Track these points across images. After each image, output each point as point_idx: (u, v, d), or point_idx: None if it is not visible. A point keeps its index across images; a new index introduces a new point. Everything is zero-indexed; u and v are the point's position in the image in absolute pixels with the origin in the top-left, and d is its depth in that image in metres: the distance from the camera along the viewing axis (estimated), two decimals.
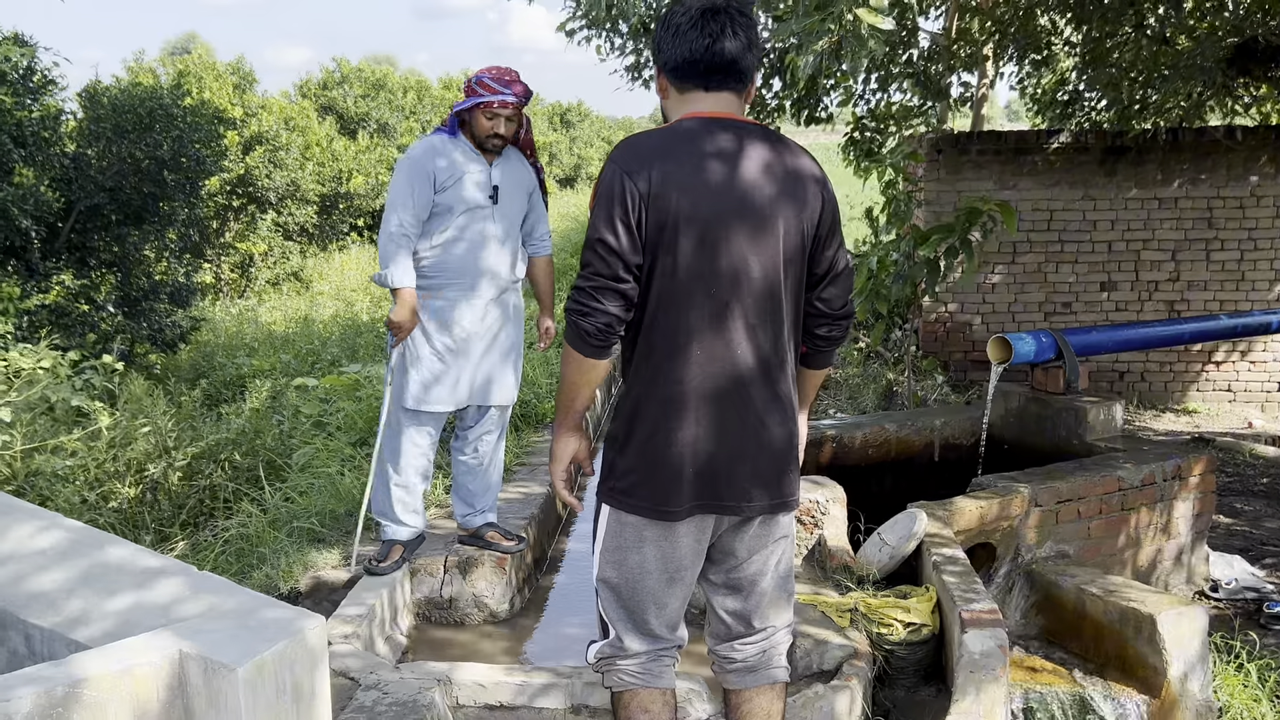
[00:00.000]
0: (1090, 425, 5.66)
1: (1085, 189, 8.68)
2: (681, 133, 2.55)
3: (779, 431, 2.61)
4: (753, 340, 2.56)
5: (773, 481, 2.62)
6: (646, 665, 2.75)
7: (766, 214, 2.53)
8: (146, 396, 7.29)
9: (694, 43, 2.54)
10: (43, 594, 2.91)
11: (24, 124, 9.14)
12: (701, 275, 2.49)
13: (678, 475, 2.55)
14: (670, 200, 2.46)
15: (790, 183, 2.57)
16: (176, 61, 18.16)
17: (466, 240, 4.30)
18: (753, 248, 2.52)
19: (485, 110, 4.19)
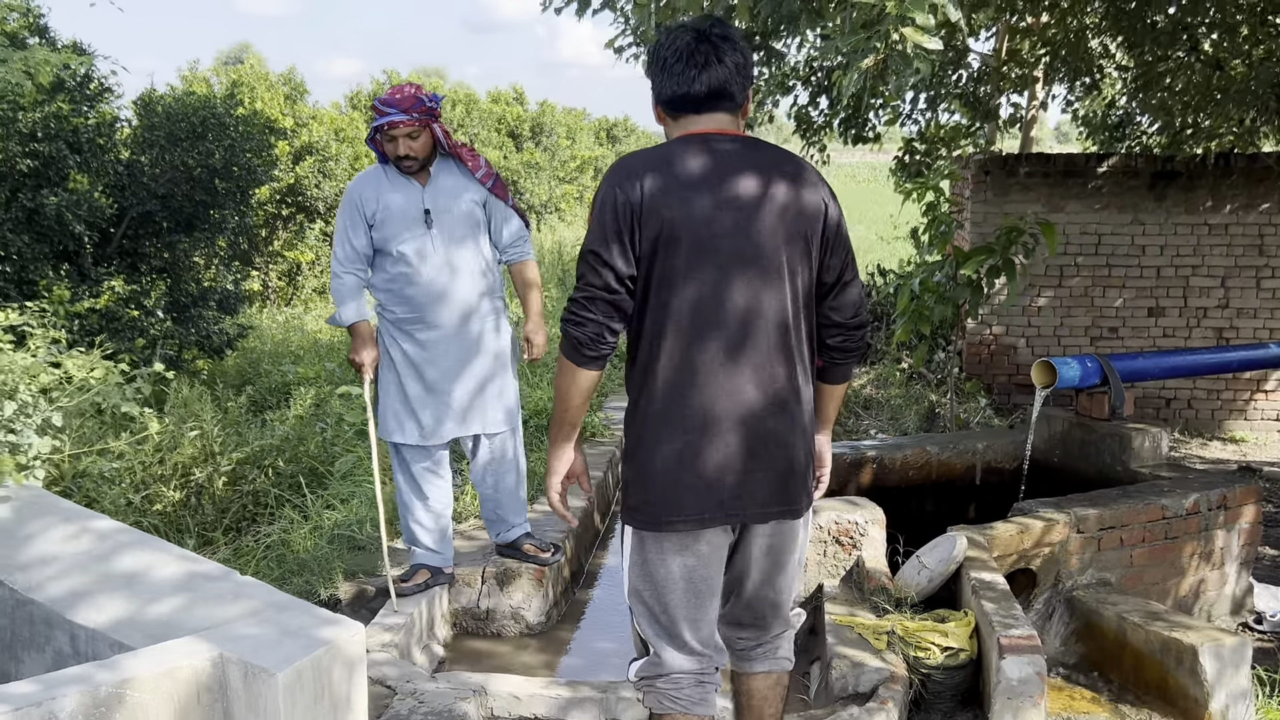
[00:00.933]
0: (1135, 452, 5.60)
1: (1134, 213, 8.60)
2: (674, 148, 2.59)
3: (784, 440, 2.63)
4: (756, 349, 2.57)
5: (779, 491, 2.64)
6: (687, 690, 2.74)
7: (763, 224, 2.56)
8: (195, 401, 7.39)
9: (681, 76, 2.59)
10: (89, 595, 2.96)
11: (80, 131, 9.29)
12: (700, 285, 2.52)
13: (688, 490, 2.57)
14: (663, 211, 2.49)
15: (789, 192, 2.59)
16: (230, 71, 18.41)
17: (410, 269, 4.17)
18: (751, 256, 2.55)
19: (384, 135, 4.12)
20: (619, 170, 2.58)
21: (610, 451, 6.80)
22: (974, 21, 8.30)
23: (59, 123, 9.05)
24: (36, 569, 3.11)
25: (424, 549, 4.48)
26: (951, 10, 3.53)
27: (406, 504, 4.46)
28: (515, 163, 22.87)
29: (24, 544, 3.25)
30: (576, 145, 29.77)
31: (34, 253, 8.70)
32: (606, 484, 6.40)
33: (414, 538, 4.49)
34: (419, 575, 4.44)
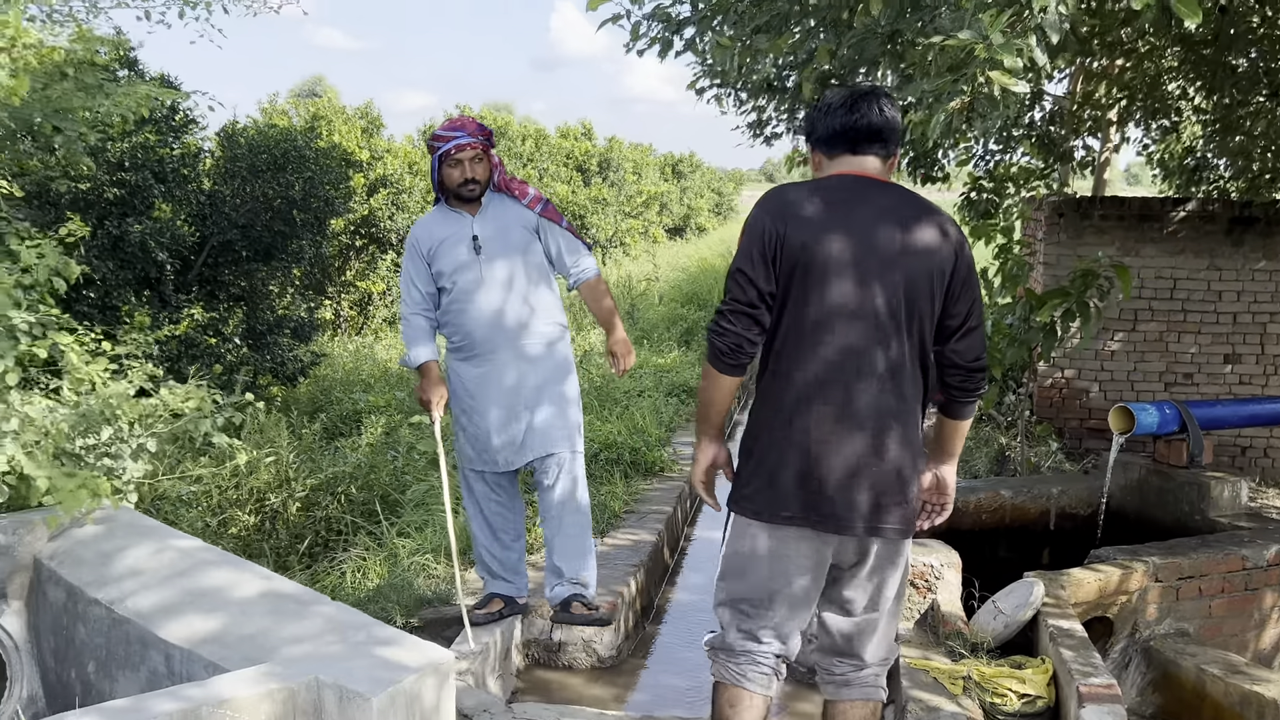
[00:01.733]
0: (1214, 501, 5.53)
1: (1211, 258, 8.49)
2: (822, 185, 2.88)
3: (885, 462, 2.81)
4: (869, 375, 2.80)
5: (872, 510, 2.83)
6: (741, 666, 2.97)
7: (892, 263, 2.79)
8: (271, 428, 7.52)
9: (843, 117, 2.88)
10: (183, 615, 3.03)
11: (165, 161, 9.54)
12: (826, 310, 2.79)
13: (788, 488, 2.83)
14: (802, 242, 2.77)
15: (921, 237, 2.81)
16: (308, 104, 18.78)
17: (464, 301, 4.22)
18: (875, 291, 2.78)
19: (447, 161, 4.16)
20: (770, 199, 2.88)
21: (679, 487, 6.83)
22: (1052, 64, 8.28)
23: (146, 153, 9.31)
24: (132, 589, 3.19)
25: (496, 578, 4.52)
26: (1039, 54, 3.54)
27: (477, 533, 4.50)
28: (582, 197, 23.05)
29: (119, 565, 3.34)
30: (643, 180, 29.94)
31: (118, 279, 8.93)
32: (675, 520, 6.42)
33: (486, 567, 4.53)
34: (493, 604, 4.47)
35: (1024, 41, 3.43)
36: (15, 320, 3.59)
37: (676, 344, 12.45)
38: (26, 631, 3.54)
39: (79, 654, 3.29)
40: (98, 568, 3.34)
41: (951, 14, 3.90)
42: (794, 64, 5.99)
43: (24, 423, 3.49)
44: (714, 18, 5.12)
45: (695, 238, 34.16)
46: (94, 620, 3.21)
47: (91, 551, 3.43)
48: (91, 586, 3.25)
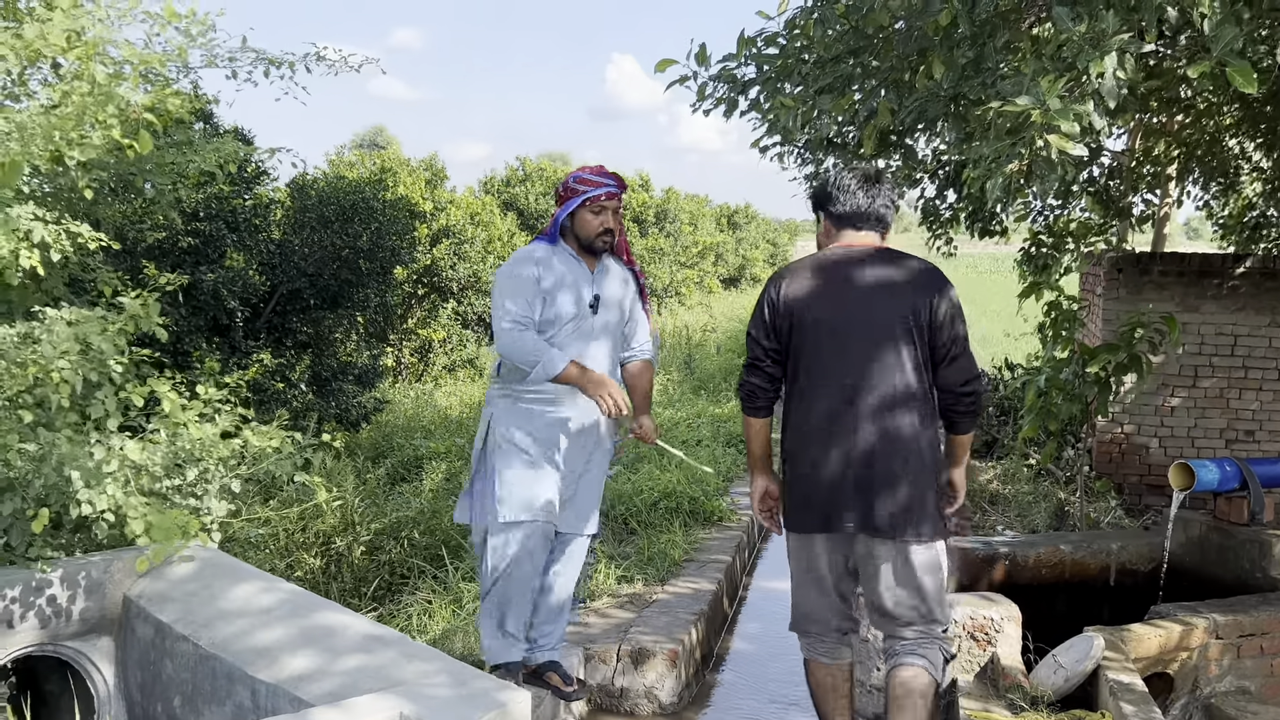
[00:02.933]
0: (1275, 559, 5.51)
1: (1272, 315, 8.47)
2: (820, 258, 3.64)
3: (875, 471, 3.44)
4: (862, 406, 3.45)
5: (867, 511, 3.45)
6: (814, 645, 3.75)
7: (874, 318, 3.47)
8: (337, 473, 7.70)
9: (858, 200, 3.62)
10: (267, 651, 3.16)
11: (238, 212, 9.84)
12: (822, 357, 3.51)
13: (809, 503, 3.56)
14: (797, 306, 3.54)
15: (902, 292, 3.48)
16: (374, 156, 19.21)
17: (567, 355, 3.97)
18: (863, 338, 3.47)
19: (591, 206, 4.02)
20: (775, 275, 3.67)
21: (739, 536, 6.90)
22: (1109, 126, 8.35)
23: (220, 203, 9.61)
24: (218, 626, 3.33)
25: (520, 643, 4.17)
26: (1096, 119, 3.64)
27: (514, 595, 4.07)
28: (640, 248, 23.31)
29: (207, 602, 3.48)
30: (698, 231, 30.17)
31: (190, 325, 9.19)
32: (734, 569, 6.49)
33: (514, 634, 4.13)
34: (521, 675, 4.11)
35: (1082, 107, 3.53)
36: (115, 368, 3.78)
37: (734, 394, 12.54)
38: (115, 666, 3.68)
39: (165, 689, 3.43)
40: (185, 605, 3.48)
41: (1012, 79, 4.00)
42: (855, 122, 6.12)
43: (123, 464, 3.66)
44: (778, 79, 5.26)
45: (750, 288, 34.30)
46: (181, 656, 3.34)
47: (179, 590, 3.58)
48: (179, 623, 3.39)
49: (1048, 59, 3.71)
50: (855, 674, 3.83)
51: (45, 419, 3.87)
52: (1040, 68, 3.68)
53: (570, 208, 4.05)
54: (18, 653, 3.63)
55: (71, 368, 3.75)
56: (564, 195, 4.09)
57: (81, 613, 3.67)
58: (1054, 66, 3.68)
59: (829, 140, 7.02)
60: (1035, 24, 4.92)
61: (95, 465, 3.63)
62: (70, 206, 5.06)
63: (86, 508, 3.63)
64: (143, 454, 3.76)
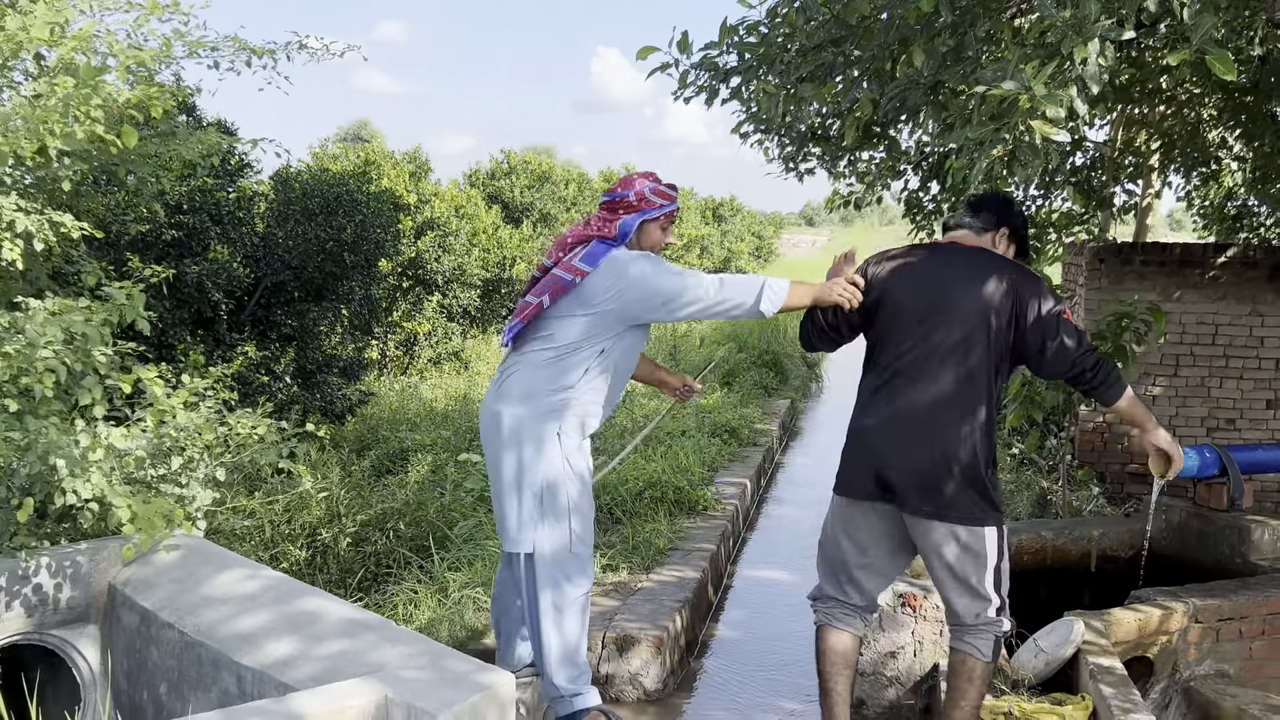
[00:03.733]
0: (1254, 544, 5.56)
1: (1253, 304, 8.53)
2: (914, 248, 3.89)
3: (922, 454, 3.54)
4: (919, 383, 3.58)
5: (919, 492, 3.55)
6: (831, 610, 3.85)
7: (947, 301, 3.60)
8: (322, 465, 7.70)
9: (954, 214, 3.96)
10: (252, 638, 3.17)
11: (222, 204, 9.82)
12: (895, 335, 3.65)
13: (856, 472, 3.70)
14: (882, 285, 3.75)
15: (978, 282, 3.60)
16: (359, 149, 19.16)
17: (622, 376, 3.94)
18: (930, 322, 3.59)
19: (662, 220, 3.96)
20: (876, 254, 3.92)
21: (724, 525, 6.92)
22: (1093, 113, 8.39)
23: (204, 196, 9.58)
24: (204, 613, 3.34)
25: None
26: (1079, 104, 3.66)
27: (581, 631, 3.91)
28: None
29: (192, 590, 3.49)
30: (683, 224, 30.16)
31: (174, 318, 9.17)
32: (719, 557, 6.52)
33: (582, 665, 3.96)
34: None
35: (1065, 92, 3.56)
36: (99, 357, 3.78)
37: (719, 385, 12.57)
38: (100, 654, 3.69)
39: (151, 676, 3.44)
40: (170, 593, 3.49)
41: (994, 65, 4.03)
42: (837, 112, 6.13)
43: (108, 453, 3.67)
44: (760, 67, 5.27)
45: None
46: (167, 643, 3.35)
47: (164, 578, 3.59)
48: (165, 611, 3.40)
49: (1031, 45, 3.73)
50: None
51: (30, 408, 3.86)
52: (1024, 54, 3.70)
53: (648, 216, 3.91)
54: (3, 641, 3.63)
55: (56, 357, 3.75)
56: (636, 203, 3.90)
57: (67, 601, 3.68)
58: (1038, 53, 3.71)
59: (812, 131, 7.05)
60: (1017, 14, 4.94)
61: (80, 454, 3.63)
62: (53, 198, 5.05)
63: (71, 496, 3.63)
64: (128, 441, 3.77)
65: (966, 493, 3.53)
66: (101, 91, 4.37)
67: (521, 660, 4.15)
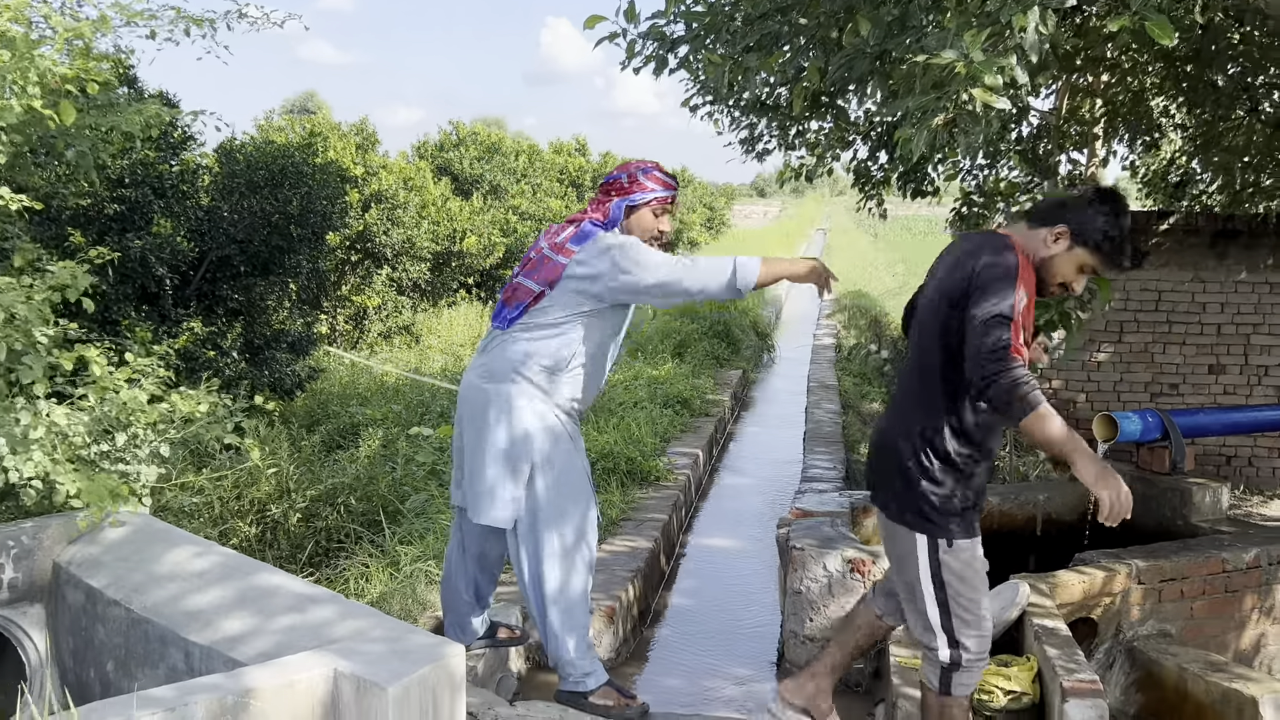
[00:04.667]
0: (1195, 506, 5.67)
1: (1195, 271, 8.66)
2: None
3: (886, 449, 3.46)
4: (899, 381, 3.60)
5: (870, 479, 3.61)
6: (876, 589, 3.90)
7: (926, 291, 3.46)
8: (271, 440, 7.64)
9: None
10: (200, 614, 3.15)
11: (165, 177, 9.68)
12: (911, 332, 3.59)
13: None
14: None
15: (950, 267, 3.31)
16: (304, 121, 18.94)
17: (603, 357, 3.94)
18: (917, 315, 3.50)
19: (656, 207, 3.91)
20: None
21: (675, 495, 6.95)
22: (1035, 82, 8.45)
23: (145, 169, 9.44)
24: (151, 590, 3.31)
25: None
26: (1019, 73, 3.69)
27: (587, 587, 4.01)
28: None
29: (137, 567, 3.46)
30: None
31: (118, 294, 9.04)
32: (671, 527, 6.55)
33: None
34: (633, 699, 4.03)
35: (1005, 60, 3.58)
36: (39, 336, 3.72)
37: (670, 356, 12.59)
38: (46, 633, 3.65)
39: (98, 654, 3.41)
40: (116, 570, 3.46)
41: (937, 34, 4.04)
42: (784, 82, 6.14)
43: (50, 430, 3.62)
44: (707, 36, 5.26)
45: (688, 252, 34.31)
46: (113, 621, 3.32)
47: (110, 555, 3.55)
48: (110, 588, 3.37)
49: (972, 13, 3.75)
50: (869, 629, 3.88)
51: None
52: (964, 22, 3.72)
53: (635, 201, 3.88)
54: None
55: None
56: (627, 187, 3.90)
57: (10, 581, 3.63)
58: (978, 21, 3.73)
59: (760, 101, 7.05)
60: None
61: (21, 431, 3.59)
62: None
63: (13, 475, 3.58)
64: (70, 420, 3.72)
65: (903, 494, 3.34)
66: (39, 65, 4.28)
67: (474, 634, 4.17)
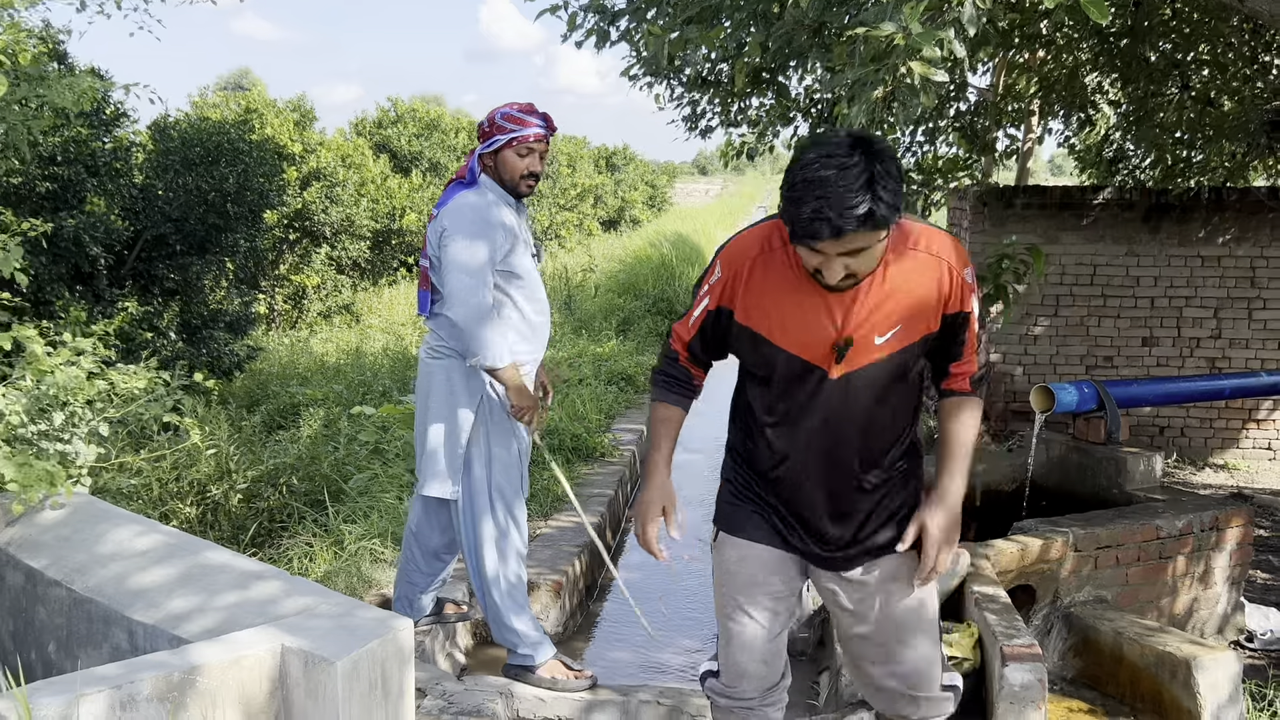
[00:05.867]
0: (1130, 475, 5.78)
1: (1129, 245, 8.81)
2: None
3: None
4: None
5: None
6: None
7: None
8: (210, 420, 7.55)
9: None
10: (144, 593, 3.12)
11: (98, 155, 9.50)
12: None
13: None
14: None
15: None
16: (239, 98, 18.67)
17: (534, 308, 3.87)
18: None
19: (518, 146, 3.73)
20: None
21: (620, 471, 6.98)
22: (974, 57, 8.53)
23: (78, 147, 9.27)
24: (92, 570, 3.27)
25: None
26: (958, 47, 3.73)
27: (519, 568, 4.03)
28: None
29: (78, 547, 3.41)
30: (577, 173, 30.04)
31: (51, 274, 8.88)
32: (617, 502, 6.57)
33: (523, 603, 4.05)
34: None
35: (943, 33, 3.62)
36: None
37: (614, 333, 12.60)
38: None
39: (39, 635, 3.36)
40: (56, 551, 3.41)
41: (876, 7, 4.07)
42: (725, 57, 6.15)
43: None
44: (648, 9, 5.27)
45: (630, 230, 34.30)
46: (54, 601, 3.28)
47: (49, 536, 3.50)
48: (51, 569, 3.32)
49: None
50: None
51: None
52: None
53: (493, 145, 3.75)
54: None
55: None
56: (488, 131, 3.76)
57: None
58: None
59: (702, 78, 7.07)
60: None
61: None
62: None
63: None
64: (6, 400, 3.65)
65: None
66: None
67: (422, 611, 4.18)
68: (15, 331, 3.90)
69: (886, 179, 2.31)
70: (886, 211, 2.31)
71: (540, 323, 3.92)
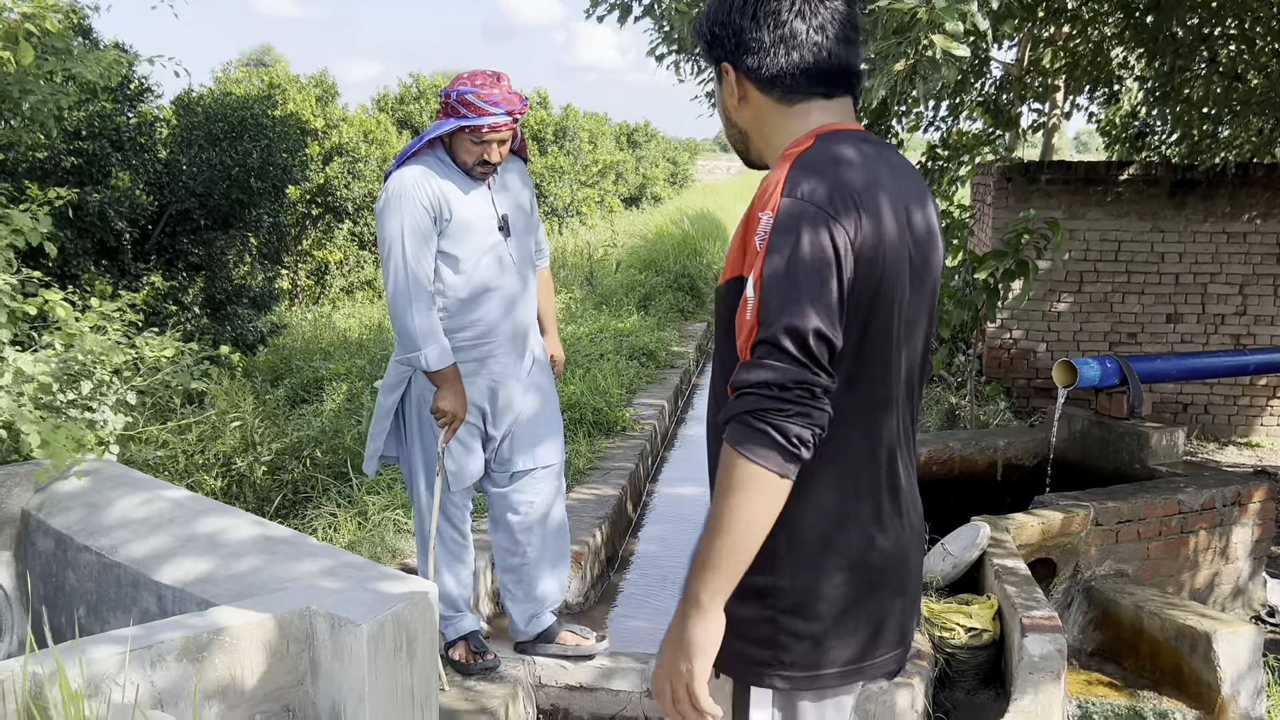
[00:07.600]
0: (1152, 450, 5.78)
1: (1154, 221, 8.76)
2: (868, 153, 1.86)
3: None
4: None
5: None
6: None
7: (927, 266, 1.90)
8: (236, 393, 7.62)
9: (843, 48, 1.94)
10: (172, 557, 3.17)
11: (122, 130, 9.55)
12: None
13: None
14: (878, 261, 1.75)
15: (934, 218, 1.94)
16: (262, 74, 18.71)
17: (482, 291, 3.57)
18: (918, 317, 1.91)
19: (471, 135, 3.41)
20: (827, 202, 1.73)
21: (642, 445, 7.00)
22: (998, 31, 8.48)
23: (103, 121, 9.31)
24: (121, 535, 3.32)
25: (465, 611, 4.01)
26: (980, 20, 3.71)
27: (457, 565, 3.94)
28: (539, 166, 23.13)
29: (107, 513, 3.46)
30: (598, 150, 29.98)
31: (76, 248, 8.94)
32: (638, 475, 6.60)
33: (457, 602, 3.97)
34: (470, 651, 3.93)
35: (967, 6, 3.60)
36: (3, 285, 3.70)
37: (635, 309, 12.61)
38: (16, 581, 3.65)
39: (69, 599, 3.42)
40: (86, 517, 3.46)
41: None
42: None
43: (16, 377, 3.60)
44: None
45: (651, 207, 34.23)
46: (84, 566, 3.33)
47: (79, 502, 3.55)
48: (81, 534, 3.37)
49: None
50: None
51: None
52: None
53: (442, 129, 3.44)
54: None
55: None
56: (444, 109, 3.46)
57: None
58: None
59: None
60: None
61: None
62: None
63: None
64: (35, 366, 3.70)
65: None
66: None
67: None
68: (43, 296, 3.94)
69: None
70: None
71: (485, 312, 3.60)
